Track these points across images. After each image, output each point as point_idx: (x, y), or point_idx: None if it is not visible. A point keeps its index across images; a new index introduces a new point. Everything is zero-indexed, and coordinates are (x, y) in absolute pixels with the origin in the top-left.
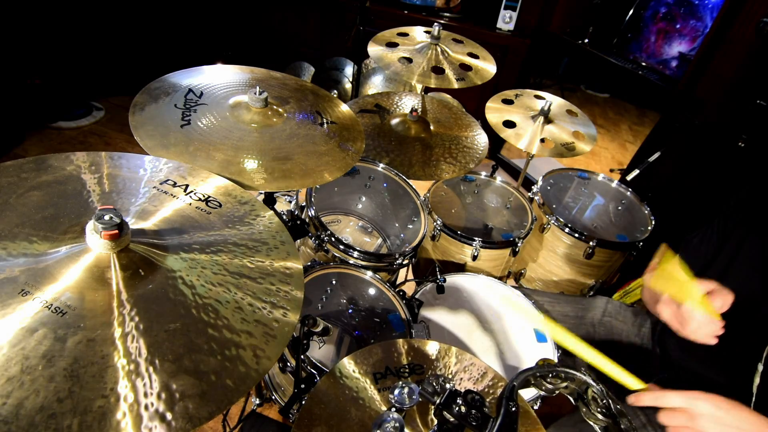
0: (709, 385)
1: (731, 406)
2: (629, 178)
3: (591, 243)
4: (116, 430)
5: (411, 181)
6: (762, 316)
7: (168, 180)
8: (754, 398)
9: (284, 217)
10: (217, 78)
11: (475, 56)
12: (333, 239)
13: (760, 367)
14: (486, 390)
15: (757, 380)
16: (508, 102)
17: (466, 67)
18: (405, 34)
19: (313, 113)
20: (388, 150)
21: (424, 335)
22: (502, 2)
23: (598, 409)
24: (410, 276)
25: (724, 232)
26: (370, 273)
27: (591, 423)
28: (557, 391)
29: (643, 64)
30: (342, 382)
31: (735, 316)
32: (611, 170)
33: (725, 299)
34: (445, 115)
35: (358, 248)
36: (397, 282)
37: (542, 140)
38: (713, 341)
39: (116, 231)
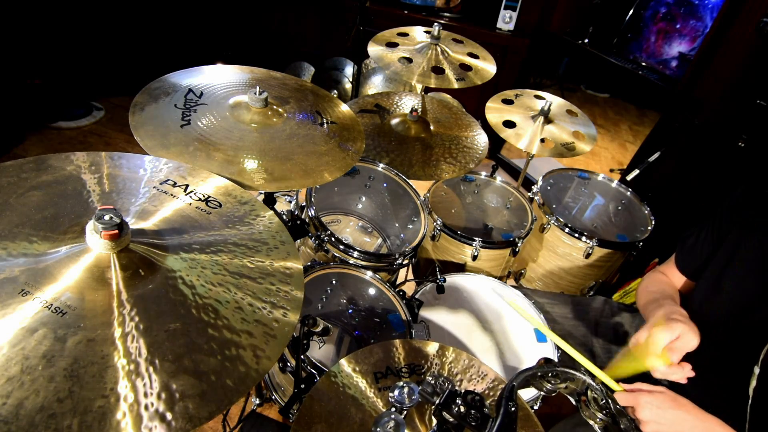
0: (706, 386)
1: (674, 405)
2: (629, 178)
3: (591, 243)
4: (116, 430)
5: (411, 181)
6: (758, 319)
7: (168, 180)
8: (750, 401)
9: (284, 217)
10: (217, 78)
11: (475, 56)
12: (333, 239)
13: (757, 370)
14: (486, 390)
15: (753, 383)
16: (508, 102)
17: (466, 67)
18: (405, 34)
19: (313, 113)
20: (388, 150)
21: (424, 335)
22: (502, 2)
23: (598, 409)
24: (410, 276)
25: (719, 233)
26: (370, 273)
27: (591, 423)
28: (557, 391)
29: (643, 64)
30: (342, 381)
31: (731, 318)
32: (611, 170)
33: (684, 348)
34: (445, 115)
35: (358, 248)
36: (397, 282)
37: (542, 140)
38: (684, 381)
39: (116, 231)
